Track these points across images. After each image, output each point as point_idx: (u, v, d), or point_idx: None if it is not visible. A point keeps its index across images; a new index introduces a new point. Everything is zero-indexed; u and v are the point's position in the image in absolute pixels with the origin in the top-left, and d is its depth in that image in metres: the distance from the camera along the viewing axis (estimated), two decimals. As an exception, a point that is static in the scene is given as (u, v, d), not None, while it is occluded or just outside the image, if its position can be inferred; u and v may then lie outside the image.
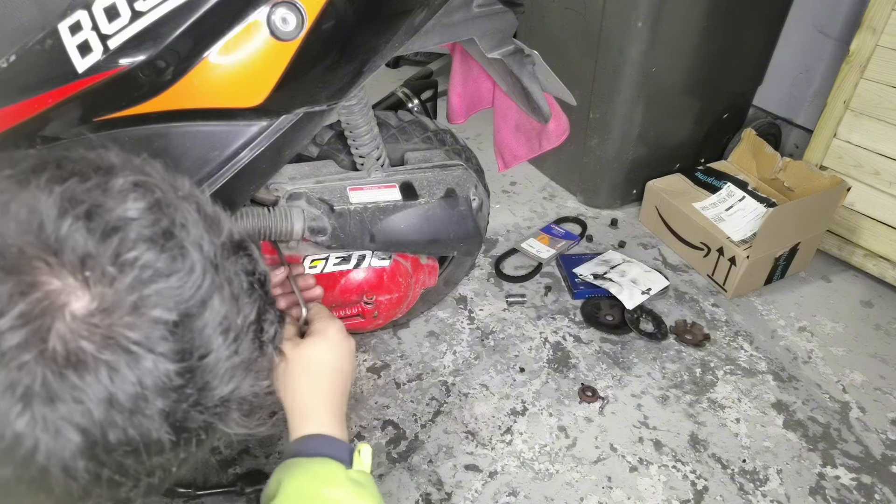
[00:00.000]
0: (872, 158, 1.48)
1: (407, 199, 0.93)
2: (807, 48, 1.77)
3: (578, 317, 1.43)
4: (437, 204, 0.94)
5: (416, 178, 0.94)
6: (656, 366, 1.32)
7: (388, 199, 0.91)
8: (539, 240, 1.64)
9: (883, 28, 1.37)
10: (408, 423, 1.18)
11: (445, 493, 1.06)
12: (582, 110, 1.62)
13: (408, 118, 1.14)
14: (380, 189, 0.92)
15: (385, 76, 2.37)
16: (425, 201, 0.93)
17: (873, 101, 1.44)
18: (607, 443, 1.16)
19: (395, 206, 0.92)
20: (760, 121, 1.87)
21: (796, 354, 1.36)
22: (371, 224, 0.90)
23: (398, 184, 0.92)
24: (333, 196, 0.89)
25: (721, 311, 1.47)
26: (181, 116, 0.76)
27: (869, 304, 1.51)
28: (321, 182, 0.89)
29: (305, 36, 0.76)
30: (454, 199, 0.95)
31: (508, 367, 1.30)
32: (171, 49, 0.72)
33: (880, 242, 1.52)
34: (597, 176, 1.78)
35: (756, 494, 1.08)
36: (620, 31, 1.51)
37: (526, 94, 1.11)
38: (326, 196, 0.87)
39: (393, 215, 0.91)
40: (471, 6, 0.98)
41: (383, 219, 0.91)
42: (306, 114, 0.83)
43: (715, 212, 1.57)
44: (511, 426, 1.18)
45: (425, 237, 1.00)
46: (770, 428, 1.20)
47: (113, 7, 0.69)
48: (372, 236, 0.90)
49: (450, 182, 0.96)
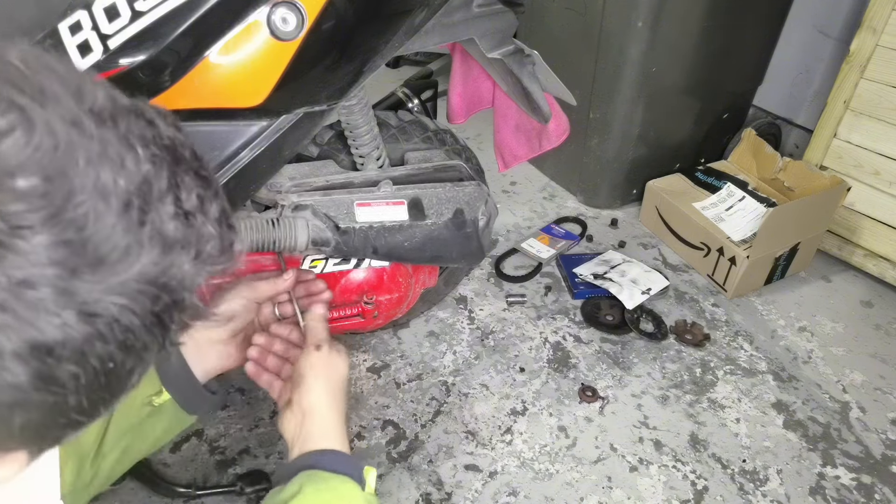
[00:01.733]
0: (872, 158, 1.48)
1: (414, 220, 0.91)
2: (807, 48, 1.77)
3: (578, 317, 1.43)
4: (443, 225, 0.92)
5: (426, 194, 0.91)
6: (656, 366, 1.32)
7: (395, 218, 0.90)
8: (539, 240, 1.64)
9: (883, 28, 1.37)
10: (408, 423, 1.18)
11: (445, 493, 1.06)
12: (582, 110, 1.62)
13: (408, 118, 1.14)
14: (388, 206, 0.90)
15: (385, 76, 2.37)
16: (432, 222, 0.92)
17: (873, 101, 1.44)
18: (607, 443, 1.16)
19: (401, 226, 0.90)
20: (760, 121, 1.87)
21: (796, 354, 1.36)
22: (375, 240, 0.89)
23: (407, 200, 0.90)
24: (340, 211, 0.87)
25: (721, 311, 1.47)
26: (181, 116, 0.75)
27: (869, 304, 1.51)
28: (328, 195, 0.87)
29: (305, 36, 0.76)
30: (461, 221, 0.94)
31: (508, 367, 1.30)
32: (171, 49, 0.72)
33: (880, 242, 1.52)
34: (597, 176, 1.78)
35: (756, 494, 1.08)
36: (620, 31, 1.51)
37: (526, 94, 1.11)
38: (333, 212, 0.86)
39: (398, 234, 0.90)
40: (471, 6, 0.98)
41: (388, 236, 0.90)
42: (306, 114, 0.83)
43: (715, 212, 1.57)
44: (511, 426, 1.18)
45: (428, 254, 1.00)
46: (770, 428, 1.20)
47: (113, 7, 0.70)
48: (375, 249, 0.90)
49: (460, 201, 0.93)
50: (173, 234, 0.34)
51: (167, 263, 0.34)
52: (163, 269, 0.34)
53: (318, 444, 0.70)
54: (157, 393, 0.76)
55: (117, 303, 0.32)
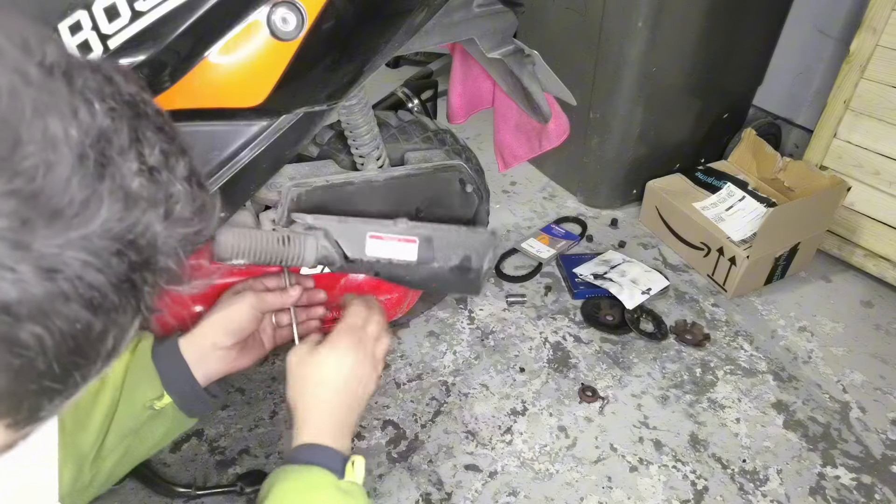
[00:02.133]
0: (872, 158, 1.48)
1: (421, 262, 0.93)
2: (807, 48, 1.77)
3: (578, 317, 1.43)
4: (448, 270, 0.94)
5: (439, 236, 0.92)
6: (656, 366, 1.32)
7: (403, 257, 0.91)
8: (539, 240, 1.64)
9: (883, 28, 1.37)
10: (408, 422, 1.18)
11: (445, 493, 1.06)
12: (582, 110, 1.62)
13: (408, 118, 1.14)
14: (399, 243, 0.91)
15: (385, 76, 2.36)
16: (439, 266, 0.93)
17: (873, 100, 1.44)
18: (607, 443, 1.16)
19: (408, 264, 0.92)
20: (760, 121, 1.87)
21: (796, 354, 1.36)
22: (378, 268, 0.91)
23: (419, 239, 0.91)
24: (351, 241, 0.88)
25: (721, 311, 1.47)
26: (181, 116, 0.76)
27: (869, 304, 1.51)
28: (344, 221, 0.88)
29: (305, 36, 0.76)
30: (467, 267, 0.95)
31: (508, 366, 1.30)
32: (171, 49, 0.72)
33: (880, 242, 1.52)
34: (597, 176, 1.78)
35: (756, 494, 1.08)
36: (620, 31, 1.51)
37: (526, 94, 1.11)
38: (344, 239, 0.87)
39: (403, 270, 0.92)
40: (471, 6, 0.98)
41: (392, 270, 0.92)
42: (306, 114, 0.83)
43: (715, 212, 1.57)
44: (511, 426, 1.18)
45: (427, 287, 1.02)
46: (770, 428, 1.20)
47: (113, 7, 0.70)
48: (377, 273, 0.92)
49: (470, 247, 0.94)
50: (138, 189, 0.33)
51: (132, 220, 0.33)
52: (128, 225, 0.32)
53: (298, 441, 0.71)
54: (159, 397, 0.76)
55: (79, 258, 0.30)
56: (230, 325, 0.81)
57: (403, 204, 1.08)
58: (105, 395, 0.73)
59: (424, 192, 1.09)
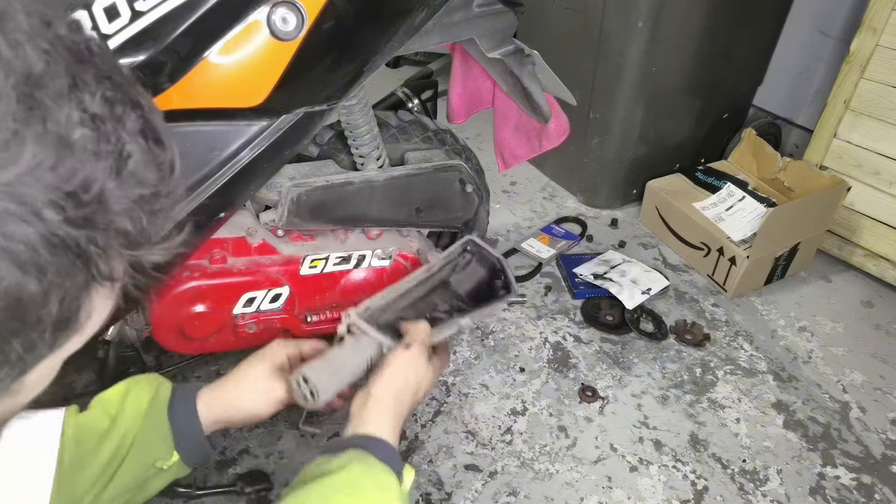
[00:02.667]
0: (872, 158, 1.48)
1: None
2: (807, 48, 1.77)
3: (578, 317, 1.43)
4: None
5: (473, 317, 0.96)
6: (656, 366, 1.32)
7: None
8: (539, 240, 1.64)
9: (883, 28, 1.37)
10: (408, 422, 1.18)
11: (445, 493, 1.06)
12: (582, 110, 1.62)
13: (408, 118, 1.14)
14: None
15: (385, 76, 2.36)
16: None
17: (873, 100, 1.44)
18: (607, 443, 1.16)
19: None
20: (760, 121, 1.87)
21: (796, 354, 1.36)
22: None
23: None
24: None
25: (721, 311, 1.47)
26: (181, 116, 0.76)
27: (869, 304, 1.51)
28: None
29: (305, 36, 0.76)
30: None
31: (508, 366, 1.30)
32: (170, 49, 0.72)
33: (880, 242, 1.52)
34: (597, 176, 1.78)
35: (756, 494, 1.08)
36: (620, 31, 1.51)
37: (526, 94, 1.11)
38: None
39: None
40: (471, 6, 0.98)
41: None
42: (306, 114, 0.83)
43: (715, 212, 1.57)
44: (511, 426, 1.18)
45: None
46: (770, 428, 1.20)
47: (113, 7, 0.70)
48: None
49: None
50: (79, 139, 0.31)
51: (68, 169, 0.30)
52: (63, 175, 0.30)
53: (371, 431, 0.71)
54: (168, 456, 0.73)
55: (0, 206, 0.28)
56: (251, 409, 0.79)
57: (404, 204, 1.08)
58: (112, 439, 0.69)
59: (424, 192, 1.10)
